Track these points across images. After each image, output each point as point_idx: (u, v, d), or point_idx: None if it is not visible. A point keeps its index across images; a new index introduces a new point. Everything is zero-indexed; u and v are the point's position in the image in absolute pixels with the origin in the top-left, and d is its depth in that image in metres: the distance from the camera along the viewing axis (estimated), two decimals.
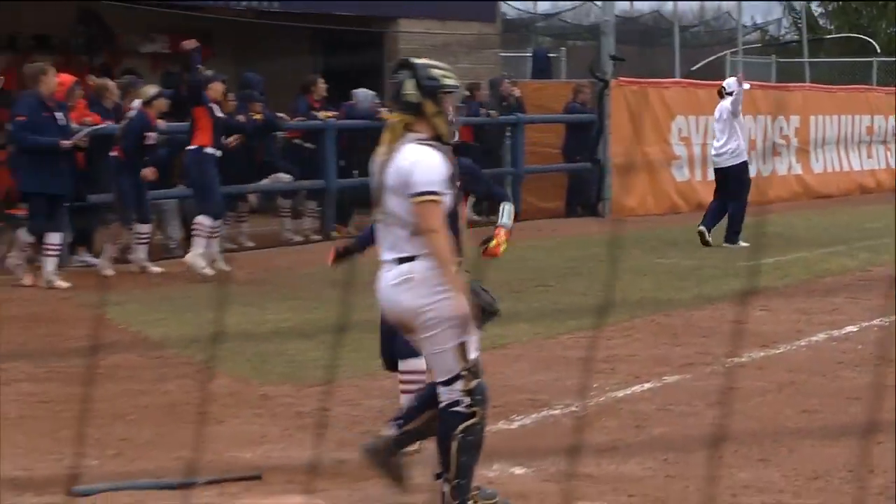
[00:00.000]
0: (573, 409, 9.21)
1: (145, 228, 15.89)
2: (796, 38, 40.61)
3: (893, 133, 30.95)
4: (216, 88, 15.51)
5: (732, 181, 18.70)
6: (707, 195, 23.43)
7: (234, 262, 16.14)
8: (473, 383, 6.61)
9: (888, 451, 7.92)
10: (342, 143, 19.99)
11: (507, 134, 23.22)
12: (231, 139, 16.37)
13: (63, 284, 14.35)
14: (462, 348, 6.58)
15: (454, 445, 6.61)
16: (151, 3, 20.73)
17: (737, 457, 7.91)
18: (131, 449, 8.27)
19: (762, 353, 11.27)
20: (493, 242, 7.50)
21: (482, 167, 21.89)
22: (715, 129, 19.21)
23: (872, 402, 9.23)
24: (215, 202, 15.41)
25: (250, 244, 18.57)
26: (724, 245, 18.28)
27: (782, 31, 44.48)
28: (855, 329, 12.44)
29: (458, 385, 6.60)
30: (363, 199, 21.67)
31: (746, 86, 19.76)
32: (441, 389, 6.68)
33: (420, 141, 6.65)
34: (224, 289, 14.83)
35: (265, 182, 18.86)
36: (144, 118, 15.66)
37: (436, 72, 6.80)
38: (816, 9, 46.30)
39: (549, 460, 7.77)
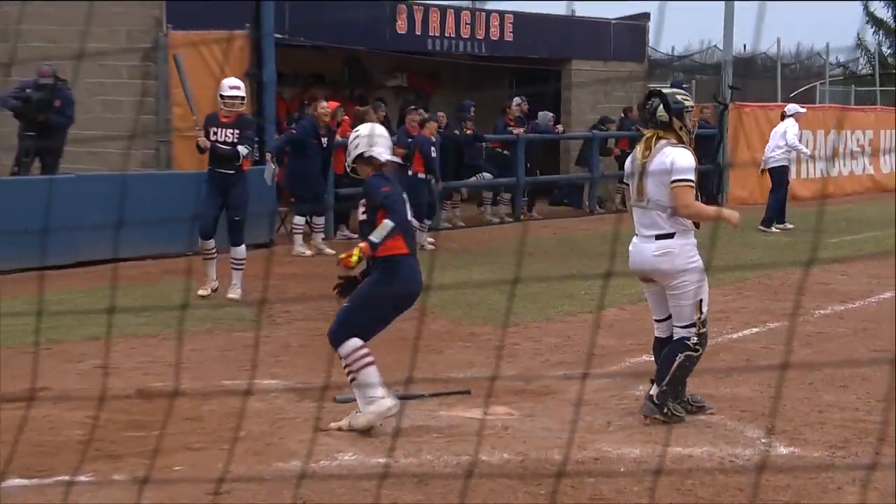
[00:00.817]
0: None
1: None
2: (870, 72, 39.44)
3: None
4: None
5: (773, 178, 18.18)
6: (801, 190, 22.96)
7: (450, 237, 16.19)
8: (702, 330, 6.71)
9: None
10: (529, 151, 20.08)
11: None
12: None
13: (329, 251, 14.56)
14: (699, 305, 6.67)
15: (675, 363, 6.69)
16: (395, 52, 20.89)
17: (823, 383, 7.72)
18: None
19: (842, 307, 11.00)
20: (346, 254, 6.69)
21: None
22: (773, 138, 18.53)
23: None
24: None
25: (461, 224, 18.64)
26: (759, 228, 17.62)
27: (859, 67, 43.23)
28: None
29: (692, 330, 6.68)
30: (543, 192, 21.98)
31: (802, 110, 19.35)
32: (678, 329, 6.75)
33: (672, 144, 6.71)
34: (441, 256, 14.91)
35: (473, 179, 18.98)
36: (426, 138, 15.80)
37: (679, 97, 6.87)
38: (886, 50, 44.87)
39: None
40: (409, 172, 15.11)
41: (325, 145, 14.88)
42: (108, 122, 15.88)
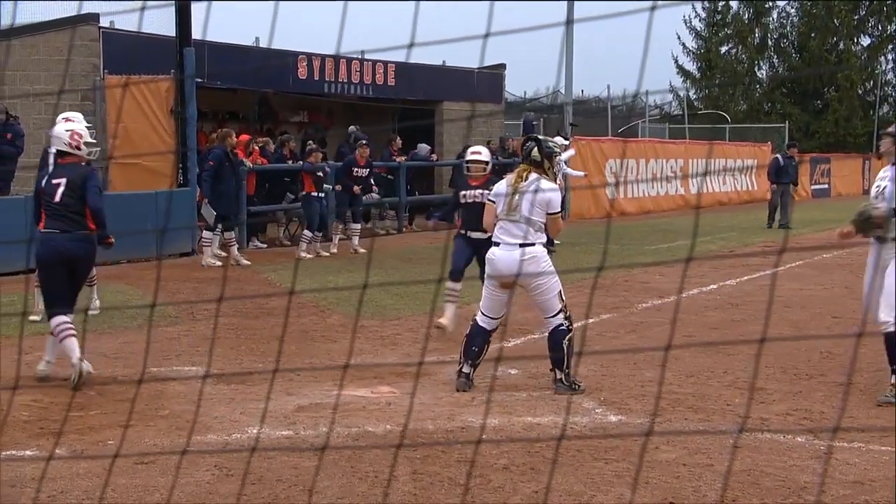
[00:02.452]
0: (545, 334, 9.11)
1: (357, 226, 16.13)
2: (680, 112, 40.40)
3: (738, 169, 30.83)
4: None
5: None
6: (628, 207, 23.26)
7: (345, 246, 16.07)
8: (568, 313, 6.87)
9: (734, 359, 7.82)
10: (409, 176, 20.05)
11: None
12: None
13: (245, 262, 14.23)
14: (560, 294, 6.83)
15: (565, 347, 6.84)
16: (297, 93, 20.71)
17: (644, 363, 7.81)
18: (283, 357, 8.21)
19: (659, 301, 11.16)
20: None
21: None
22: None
23: (726, 330, 9.11)
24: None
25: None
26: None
27: (672, 109, 44.29)
28: (715, 286, 12.31)
29: (561, 316, 6.82)
30: (421, 209, 21.99)
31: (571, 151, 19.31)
32: (550, 320, 6.87)
33: (545, 179, 6.98)
34: (337, 261, 14.80)
35: (364, 198, 18.83)
36: (353, 159, 15.79)
37: (551, 143, 7.17)
38: (692, 94, 46.09)
39: (531, 365, 7.68)
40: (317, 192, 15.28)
41: (236, 169, 14.49)
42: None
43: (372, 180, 16.92)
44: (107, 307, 9.90)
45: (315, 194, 15.30)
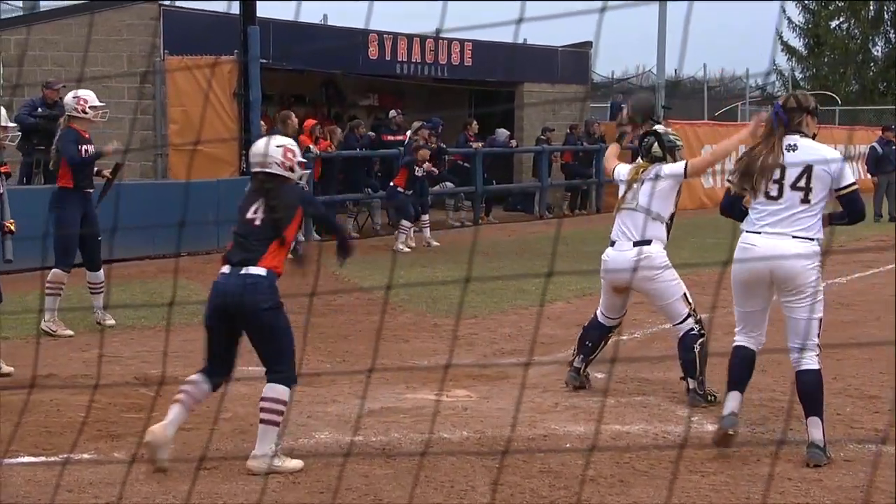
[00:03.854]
0: (635, 335, 9.05)
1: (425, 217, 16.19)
2: (784, 93, 39.78)
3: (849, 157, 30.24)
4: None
5: None
6: (721, 197, 22.89)
7: (418, 239, 16.14)
8: (698, 317, 6.77)
9: (844, 364, 7.65)
10: (486, 163, 20.09)
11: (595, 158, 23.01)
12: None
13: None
14: (685, 297, 6.74)
15: (696, 354, 6.69)
16: (367, 75, 20.86)
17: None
18: (352, 357, 8.30)
19: None
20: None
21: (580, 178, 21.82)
22: None
23: (836, 332, 8.93)
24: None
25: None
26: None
27: (775, 89, 43.59)
28: (823, 284, 12.06)
29: (691, 320, 6.71)
30: (499, 199, 22.00)
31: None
32: (678, 326, 6.75)
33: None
34: (408, 255, 14.87)
35: (436, 188, 18.88)
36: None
37: (672, 136, 7.01)
38: (798, 74, 45.30)
39: (620, 369, 7.63)
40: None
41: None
42: (109, 138, 15.72)
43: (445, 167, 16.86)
44: (166, 303, 10.07)
45: (402, 190, 15.45)
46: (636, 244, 6.65)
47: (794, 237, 5.46)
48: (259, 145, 5.60)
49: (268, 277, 5.31)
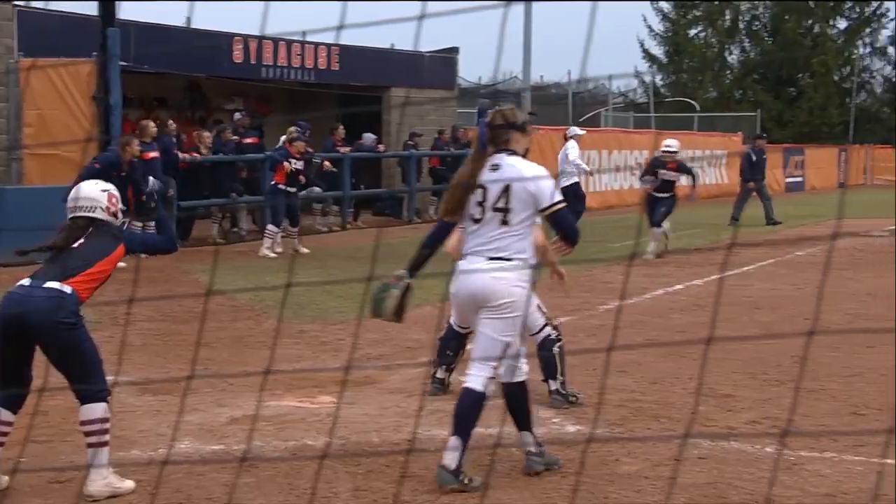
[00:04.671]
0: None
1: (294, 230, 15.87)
2: (646, 100, 40.73)
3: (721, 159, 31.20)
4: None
5: (566, 196, 18.03)
6: (590, 201, 23.33)
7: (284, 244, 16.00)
8: (554, 322, 6.85)
9: (699, 364, 7.89)
10: (354, 168, 20.06)
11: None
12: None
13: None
14: (539, 308, 6.73)
15: (556, 356, 6.74)
16: (232, 78, 20.60)
17: (604, 369, 7.85)
18: (215, 364, 8.17)
19: (619, 303, 11.24)
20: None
21: (448, 183, 21.91)
22: (560, 161, 18.38)
23: (692, 333, 9.20)
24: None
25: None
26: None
27: (637, 96, 44.67)
28: (681, 286, 12.43)
29: (548, 328, 6.76)
30: (367, 204, 21.99)
31: (581, 132, 19.50)
32: (536, 337, 6.71)
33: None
34: (275, 261, 14.74)
35: (303, 192, 18.75)
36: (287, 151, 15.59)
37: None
38: (659, 81, 46.53)
39: None
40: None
41: (123, 177, 13.20)
42: None
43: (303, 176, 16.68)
44: None
45: (283, 187, 15.27)
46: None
47: (490, 258, 5.14)
48: (83, 189, 5.45)
49: (72, 296, 5.06)
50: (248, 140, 18.45)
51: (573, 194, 17.93)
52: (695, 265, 14.17)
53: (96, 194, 5.41)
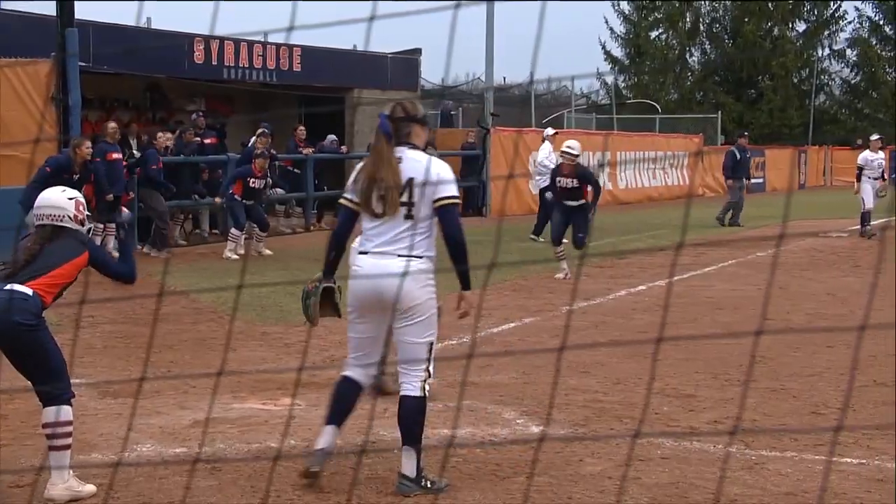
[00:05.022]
0: (464, 339, 9.15)
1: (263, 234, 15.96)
2: (608, 102, 40.93)
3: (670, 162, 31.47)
4: None
5: (541, 198, 17.99)
6: None
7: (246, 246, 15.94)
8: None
9: (662, 364, 7.95)
10: (317, 169, 20.01)
11: None
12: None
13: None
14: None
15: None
16: (193, 79, 20.49)
17: (568, 369, 7.89)
18: (177, 367, 8.12)
19: (585, 303, 11.29)
20: None
21: None
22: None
23: (658, 331, 9.25)
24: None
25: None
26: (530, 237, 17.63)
27: (600, 98, 44.89)
28: (644, 287, 12.49)
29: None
30: (330, 205, 21.94)
31: (552, 131, 19.65)
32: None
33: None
34: (238, 262, 14.67)
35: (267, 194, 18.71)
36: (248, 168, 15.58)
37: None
38: (621, 83, 46.77)
39: (449, 373, 7.70)
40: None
41: (75, 180, 12.80)
42: None
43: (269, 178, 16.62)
44: None
45: (239, 199, 15.24)
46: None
47: (398, 255, 4.97)
48: (50, 197, 5.37)
49: (33, 298, 5.00)
50: (208, 140, 18.36)
51: (543, 197, 17.96)
52: (658, 266, 14.26)
53: (63, 203, 5.36)
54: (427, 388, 5.20)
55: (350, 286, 5.11)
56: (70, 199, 5.40)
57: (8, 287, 5.01)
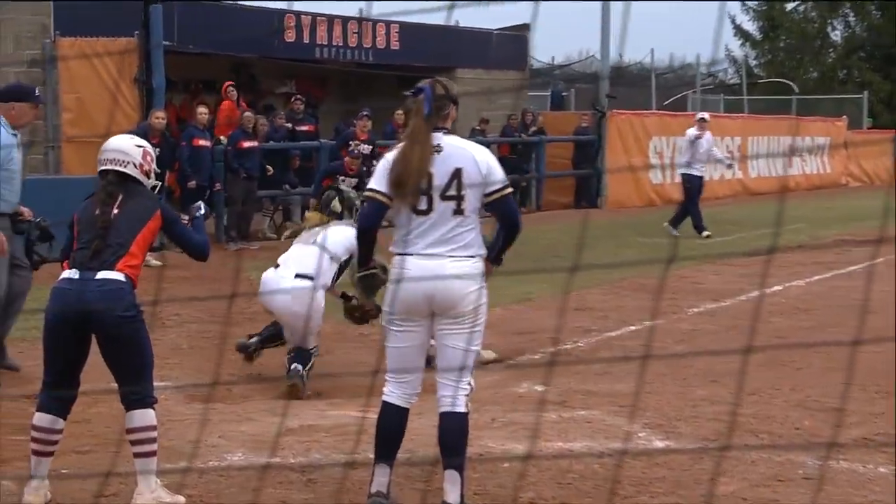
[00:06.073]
0: (579, 344, 9.11)
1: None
2: (738, 81, 40.31)
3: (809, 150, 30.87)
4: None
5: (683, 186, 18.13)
6: (674, 194, 23.20)
7: None
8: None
9: (803, 374, 7.80)
10: None
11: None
12: None
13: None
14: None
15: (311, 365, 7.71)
16: (284, 59, 20.75)
17: (696, 378, 7.82)
18: (268, 370, 8.23)
19: (714, 305, 11.16)
20: None
21: (518, 174, 21.95)
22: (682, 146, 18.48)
23: (794, 339, 9.10)
24: None
25: None
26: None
27: (728, 77, 44.23)
28: (780, 287, 12.29)
29: (317, 349, 7.91)
30: None
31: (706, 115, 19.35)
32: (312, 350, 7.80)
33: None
34: None
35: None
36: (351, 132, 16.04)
37: (353, 195, 8.22)
38: (752, 61, 46.01)
39: (562, 381, 7.69)
40: None
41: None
42: None
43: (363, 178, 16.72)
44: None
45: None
46: (298, 276, 7.46)
47: (450, 257, 4.85)
48: (116, 141, 5.46)
49: (128, 283, 5.13)
50: (303, 128, 18.56)
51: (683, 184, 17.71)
52: (796, 265, 13.99)
53: (130, 147, 5.39)
54: (469, 403, 5.07)
55: (394, 292, 4.93)
56: (137, 146, 5.45)
57: (99, 276, 5.08)
